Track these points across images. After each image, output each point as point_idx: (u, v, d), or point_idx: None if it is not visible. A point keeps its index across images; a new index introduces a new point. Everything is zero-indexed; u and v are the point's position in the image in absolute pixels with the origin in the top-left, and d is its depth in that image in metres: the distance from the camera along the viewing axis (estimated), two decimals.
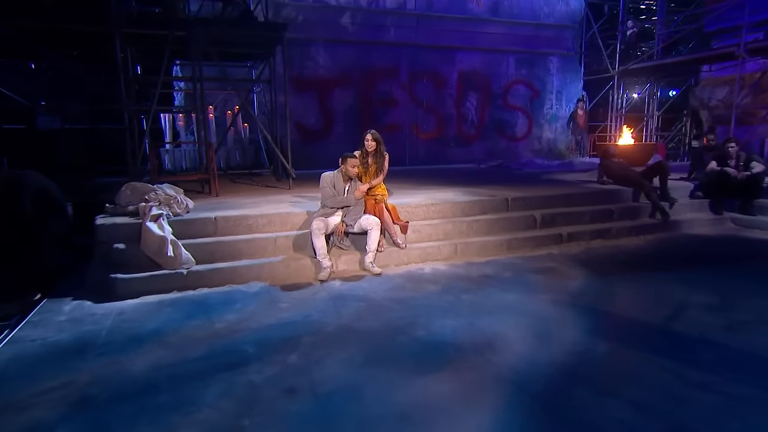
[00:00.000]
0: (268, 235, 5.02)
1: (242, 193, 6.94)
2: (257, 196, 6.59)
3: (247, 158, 9.93)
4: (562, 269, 4.91)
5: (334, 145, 11.49)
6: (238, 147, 9.88)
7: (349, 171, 4.91)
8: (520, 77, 13.10)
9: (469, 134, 12.85)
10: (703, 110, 11.29)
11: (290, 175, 7.29)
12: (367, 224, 4.91)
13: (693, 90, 11.49)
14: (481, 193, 6.54)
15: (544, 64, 13.25)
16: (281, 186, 7.71)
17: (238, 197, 6.56)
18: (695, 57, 10.06)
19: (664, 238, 6.08)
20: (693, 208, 6.75)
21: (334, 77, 11.43)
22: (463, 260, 5.31)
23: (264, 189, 7.47)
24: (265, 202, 6.05)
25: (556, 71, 13.36)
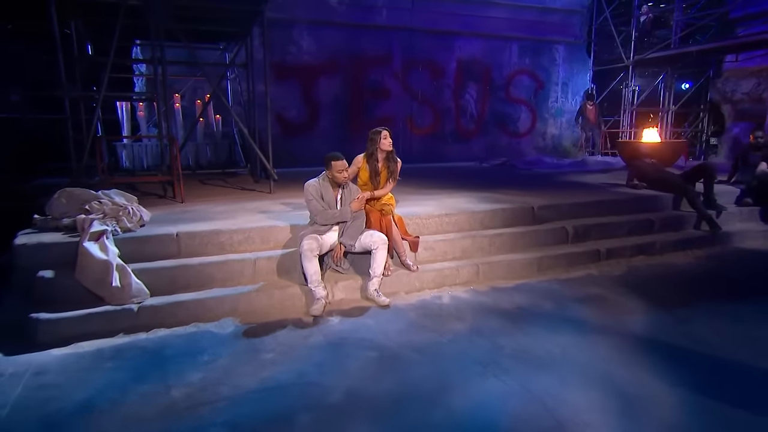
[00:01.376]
0: (246, 256, 4.11)
1: (213, 199, 5.99)
2: (232, 202, 5.65)
3: (219, 155, 8.94)
4: (611, 297, 4.12)
5: (319, 140, 10.59)
6: (209, 142, 8.89)
7: (337, 177, 4.02)
8: (524, 67, 12.35)
9: (468, 129, 12.06)
10: (725, 104, 10.69)
11: (271, 177, 6.36)
12: (372, 243, 4.03)
13: (714, 82, 10.88)
14: (499, 199, 5.73)
15: (549, 53, 12.52)
16: (260, 189, 6.77)
17: (208, 203, 5.62)
18: (724, 44, 9.42)
19: (716, 254, 5.36)
20: (742, 218, 6.06)
21: (320, 64, 10.48)
22: (487, 285, 4.49)
23: (240, 193, 6.52)
24: (242, 210, 5.13)
25: (563, 61, 12.65)
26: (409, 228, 4.77)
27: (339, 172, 3.99)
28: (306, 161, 10.14)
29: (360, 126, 10.92)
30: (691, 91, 11.64)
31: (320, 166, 4.19)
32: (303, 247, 3.83)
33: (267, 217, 4.78)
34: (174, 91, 8.74)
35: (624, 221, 5.49)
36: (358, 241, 4.08)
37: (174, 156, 5.96)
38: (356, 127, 10.91)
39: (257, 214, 4.89)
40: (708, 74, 11.30)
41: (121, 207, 4.12)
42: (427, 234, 4.87)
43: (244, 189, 6.93)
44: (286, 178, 6.96)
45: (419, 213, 4.96)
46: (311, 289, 3.88)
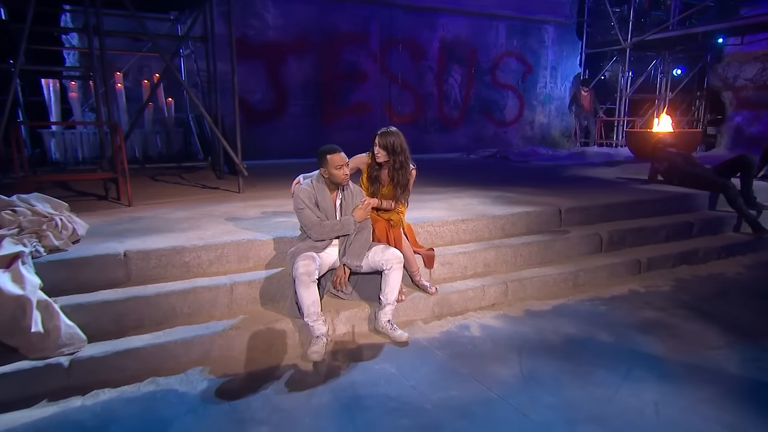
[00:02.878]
0: (220, 281, 3.26)
1: (169, 201, 5.06)
2: (193, 206, 4.75)
3: (172, 146, 7.92)
4: (674, 323, 3.51)
5: (288, 129, 9.70)
6: (160, 130, 7.85)
7: (335, 176, 3.21)
8: (511, 49, 11.78)
9: (452, 117, 11.41)
10: (726, 91, 10.43)
11: (240, 173, 5.46)
12: (384, 262, 3.26)
13: (714, 67, 10.60)
14: (516, 200, 5.08)
15: (538, 34, 12.00)
16: (226, 187, 5.87)
17: (163, 207, 4.70)
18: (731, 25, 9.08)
19: (765, 262, 4.87)
20: None
21: (288, 42, 9.56)
22: (520, 307, 3.82)
23: (201, 193, 5.60)
24: (208, 217, 4.25)
25: (551, 43, 12.17)
26: (420, 238, 4.05)
27: (337, 168, 3.19)
28: (273, 153, 9.26)
29: (334, 113, 10.10)
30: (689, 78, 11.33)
31: (289, 158, 3.42)
32: (297, 270, 3.02)
33: (242, 226, 3.93)
34: (114, 68, 7.65)
35: (660, 225, 4.94)
36: (365, 259, 3.30)
37: (118, 147, 4.99)
38: (330, 114, 10.08)
39: (229, 223, 4.03)
40: (705, 59, 11.02)
41: (44, 217, 3.18)
42: (441, 245, 4.16)
43: (206, 187, 6.00)
44: (254, 173, 6.09)
45: (430, 218, 4.22)
46: (308, 325, 3.08)
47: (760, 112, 9.82)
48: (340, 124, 10.11)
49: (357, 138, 10.10)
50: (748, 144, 9.87)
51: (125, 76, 8.04)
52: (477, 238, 4.33)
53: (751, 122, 9.97)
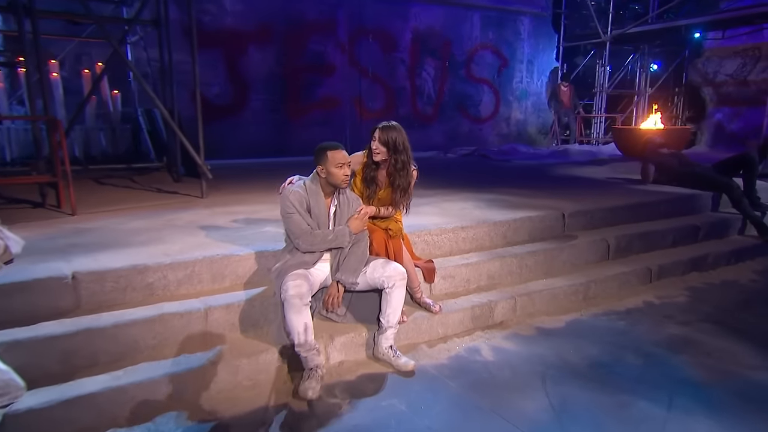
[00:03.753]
0: (191, 306, 2.87)
1: (121, 209, 4.58)
2: (151, 214, 4.30)
3: (119, 145, 7.35)
4: (703, 340, 3.35)
5: (250, 126, 9.25)
6: (105, 127, 7.28)
7: (334, 176, 2.87)
8: (487, 41, 11.69)
9: (426, 113, 11.21)
10: (706, 87, 10.62)
11: (204, 175, 5.02)
12: (386, 279, 2.95)
13: (694, 62, 10.78)
14: (513, 203, 4.88)
15: (513, 26, 11.96)
16: (186, 192, 5.42)
17: (114, 216, 4.23)
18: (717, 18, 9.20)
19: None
20: None
21: (248, 30, 9.11)
22: (531, 325, 3.59)
23: (158, 199, 5.14)
24: (170, 228, 3.83)
25: (528, 36, 12.16)
26: (416, 248, 3.76)
27: (338, 166, 2.85)
28: (232, 152, 8.79)
29: (300, 108, 9.71)
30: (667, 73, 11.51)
31: (251, 157, 3.09)
32: (287, 292, 2.67)
33: (213, 238, 3.53)
34: (49, 55, 7.02)
35: (667, 229, 4.83)
36: (362, 275, 2.98)
37: (56, 145, 4.48)
38: (295, 110, 9.69)
39: (197, 234, 3.62)
40: (683, 54, 11.21)
41: None
42: (440, 255, 3.89)
43: (163, 192, 5.53)
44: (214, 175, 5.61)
45: (425, 226, 3.94)
46: (300, 355, 2.73)
47: (740, 109, 10.04)
48: (306, 120, 9.73)
49: (324, 135, 9.65)
50: (729, 141, 10.07)
51: (61, 65, 7.40)
52: (478, 247, 4.08)
53: (732, 119, 10.19)
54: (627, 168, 7.18)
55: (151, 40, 7.18)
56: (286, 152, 9.30)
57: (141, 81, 5.21)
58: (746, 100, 9.92)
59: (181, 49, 6.87)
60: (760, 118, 9.39)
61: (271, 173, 7.14)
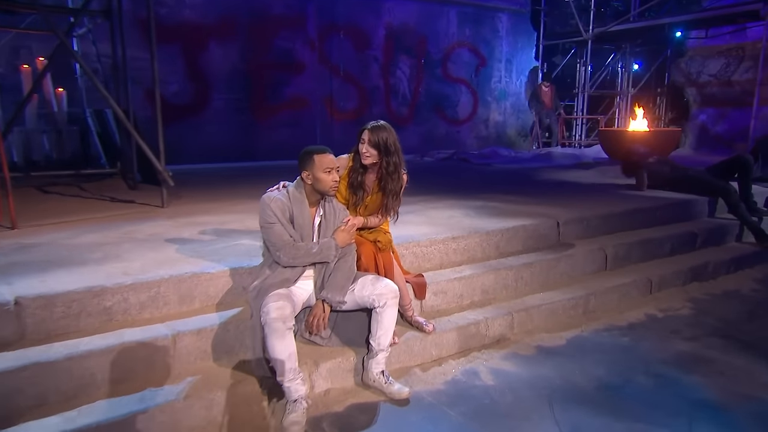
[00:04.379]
0: (156, 332, 2.66)
1: (70, 221, 4.31)
2: (105, 227, 4.05)
3: (64, 149, 7.00)
4: (715, 357, 3.32)
5: (212, 127, 8.98)
6: (48, 129, 6.92)
7: (322, 182, 2.73)
8: (464, 39, 11.72)
9: (401, 114, 11.15)
10: (690, 87, 10.86)
11: (164, 182, 4.79)
12: (376, 297, 2.81)
13: (677, 62, 11.03)
14: (503, 210, 4.82)
15: (491, 23, 12.03)
16: (144, 201, 5.17)
17: (62, 230, 3.97)
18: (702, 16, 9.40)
19: None
20: None
21: (209, 23, 8.88)
22: (530, 343, 3.51)
23: (113, 209, 4.88)
24: (129, 242, 3.60)
25: (506, 33, 12.24)
26: (405, 261, 3.63)
27: (326, 172, 2.70)
28: (193, 156, 8.50)
29: (266, 108, 9.52)
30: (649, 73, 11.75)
31: (214, 162, 2.92)
32: (269, 315, 2.50)
33: (179, 253, 3.32)
34: None
35: (664, 236, 4.83)
36: (350, 293, 2.83)
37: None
38: (261, 110, 9.49)
39: (160, 250, 3.40)
40: (665, 53, 11.45)
41: None
42: (430, 268, 3.78)
43: (117, 201, 5.26)
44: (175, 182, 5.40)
45: (413, 236, 3.82)
46: (282, 386, 2.56)
47: (725, 110, 10.29)
48: (274, 121, 9.53)
49: (293, 137, 9.60)
50: (713, 143, 10.31)
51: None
52: (469, 258, 3.98)
53: (717, 120, 10.44)
54: (615, 172, 7.21)
55: (101, 33, 6.88)
56: (252, 156, 9.08)
57: (92, 78, 4.95)
58: (731, 101, 10.18)
59: (135, 44, 6.60)
60: (746, 119, 9.62)
61: (237, 179, 6.94)
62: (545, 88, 10.94)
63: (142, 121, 6.45)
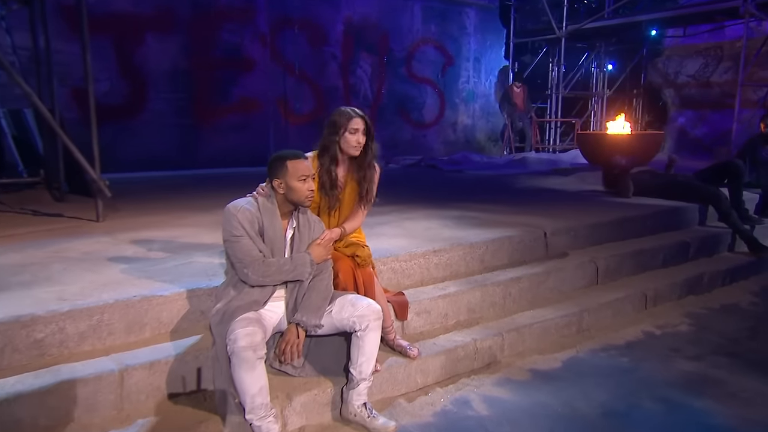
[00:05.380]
0: (101, 367, 2.48)
1: None
2: (31, 245, 3.81)
3: None
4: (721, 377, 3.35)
5: (150, 130, 8.69)
6: None
7: (296, 192, 2.63)
8: (429, 36, 11.82)
9: None
10: (667, 88, 11.24)
11: (100, 193, 4.56)
12: (357, 320, 2.70)
13: (654, 62, 11.40)
14: (484, 220, 4.84)
15: (458, 19, 12.19)
16: (74, 214, 4.92)
17: None
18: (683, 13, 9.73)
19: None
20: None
21: (145, 14, 8.62)
22: (523, 366, 3.48)
23: (38, 223, 4.62)
24: (61, 261, 3.39)
25: (474, 30, 12.43)
26: (383, 278, 3.55)
27: (301, 180, 2.60)
28: (127, 163, 8.17)
29: (213, 110, 9.31)
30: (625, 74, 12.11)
31: (152, 170, 2.80)
32: (236, 343, 2.36)
33: (124, 274, 3.13)
34: None
35: (656, 247, 4.91)
36: (327, 316, 2.72)
37: None
38: (207, 112, 9.27)
39: (100, 270, 3.20)
40: (641, 53, 11.83)
41: None
42: (410, 285, 3.72)
43: (41, 215, 4.99)
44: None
45: (390, 250, 3.75)
46: (252, 424, 2.43)
47: (704, 113, 10.68)
48: (221, 124, 9.33)
49: (243, 143, 9.44)
50: (693, 148, 10.68)
51: None
52: (452, 274, 3.93)
53: (696, 123, 10.82)
54: (596, 178, 7.34)
55: (17, 21, 6.57)
56: (196, 163, 8.83)
57: (11, 72, 4.69)
58: (710, 103, 10.58)
59: (57, 35, 6.34)
60: (725, 122, 10.01)
61: (181, 189, 6.73)
62: (517, 88, 11.12)
63: (68, 124, 6.17)
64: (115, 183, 5.50)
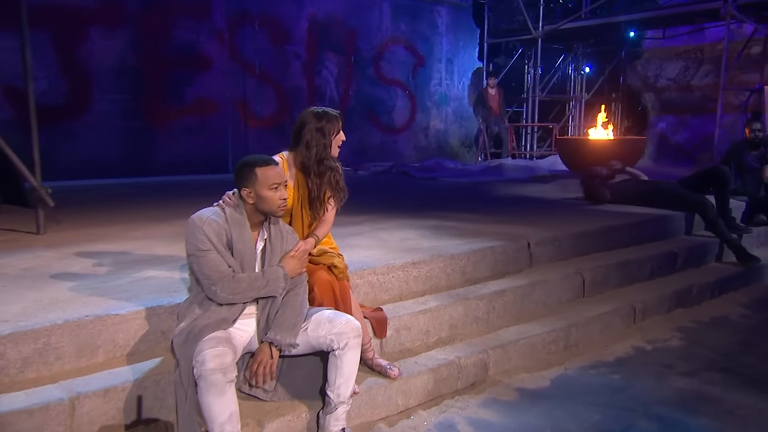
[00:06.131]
0: (47, 396, 2.38)
1: None
2: None
3: None
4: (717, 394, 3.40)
5: (94, 134, 8.52)
6: None
7: (267, 202, 2.59)
8: (399, 35, 11.92)
9: None
10: (647, 92, 11.52)
11: (42, 202, 4.41)
12: (334, 337, 2.66)
13: (633, 64, 11.68)
14: (463, 230, 4.87)
15: (429, 18, 12.32)
16: (10, 226, 4.76)
17: None
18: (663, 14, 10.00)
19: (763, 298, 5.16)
20: (760, 240, 6.08)
21: (88, 7, 8.45)
22: (509, 385, 3.50)
23: None
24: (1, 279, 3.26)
25: (446, 29, 12.57)
26: (359, 292, 3.53)
27: (272, 188, 2.56)
28: (69, 170, 7.96)
29: (165, 112, 9.16)
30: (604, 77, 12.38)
31: (97, 177, 2.75)
32: (205, 366, 2.30)
33: (71, 291, 3.02)
34: None
35: (643, 257, 5.01)
36: (302, 334, 2.67)
37: None
38: (159, 115, 9.13)
39: (44, 287, 3.09)
40: (619, 55, 12.11)
41: None
42: (388, 300, 3.72)
43: None
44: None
45: (367, 262, 3.73)
46: None
47: (685, 117, 10.98)
48: (174, 128, 9.21)
49: (199, 148, 9.34)
50: (674, 154, 10.95)
51: None
52: (433, 287, 3.93)
53: (677, 129, 11.11)
54: (577, 185, 7.46)
55: None
56: (147, 170, 8.67)
57: None
58: (691, 107, 10.88)
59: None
60: (707, 127, 10.29)
61: (131, 199, 6.60)
62: (492, 90, 11.24)
63: (1, 126, 6.01)
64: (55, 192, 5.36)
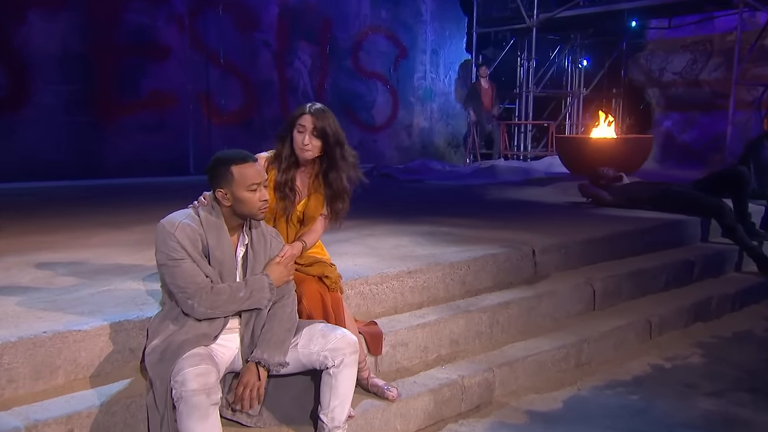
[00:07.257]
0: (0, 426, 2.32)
1: None
2: None
3: None
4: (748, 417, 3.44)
5: (35, 130, 8.46)
6: None
7: (247, 204, 2.55)
8: (379, 23, 12.01)
9: None
10: (651, 87, 11.68)
11: None
12: (329, 353, 2.64)
13: (636, 57, 11.85)
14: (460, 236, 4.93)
15: (413, 5, 12.46)
16: None
17: None
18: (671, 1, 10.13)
19: None
20: None
21: None
22: (518, 408, 3.53)
23: None
24: None
25: (431, 17, 12.70)
26: (350, 304, 3.51)
27: (251, 189, 2.52)
28: (6, 172, 7.86)
29: (118, 106, 9.11)
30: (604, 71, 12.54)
31: (39, 180, 2.69)
32: (186, 386, 2.25)
33: (23, 305, 2.95)
34: None
35: (657, 266, 5.08)
36: (293, 351, 2.64)
37: None
38: (110, 109, 9.07)
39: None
40: (621, 46, 12.28)
41: None
42: (383, 313, 3.72)
43: None
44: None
45: (358, 271, 3.75)
46: None
47: (693, 115, 11.15)
48: (128, 124, 9.16)
49: (156, 146, 9.27)
50: (681, 155, 11.10)
51: None
52: (430, 299, 3.94)
53: (684, 127, 11.28)
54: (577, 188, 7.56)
55: None
56: (97, 171, 8.59)
57: None
58: (699, 104, 11.06)
59: None
60: (717, 126, 10.47)
61: (81, 203, 6.53)
62: (484, 84, 11.31)
63: None
64: None
